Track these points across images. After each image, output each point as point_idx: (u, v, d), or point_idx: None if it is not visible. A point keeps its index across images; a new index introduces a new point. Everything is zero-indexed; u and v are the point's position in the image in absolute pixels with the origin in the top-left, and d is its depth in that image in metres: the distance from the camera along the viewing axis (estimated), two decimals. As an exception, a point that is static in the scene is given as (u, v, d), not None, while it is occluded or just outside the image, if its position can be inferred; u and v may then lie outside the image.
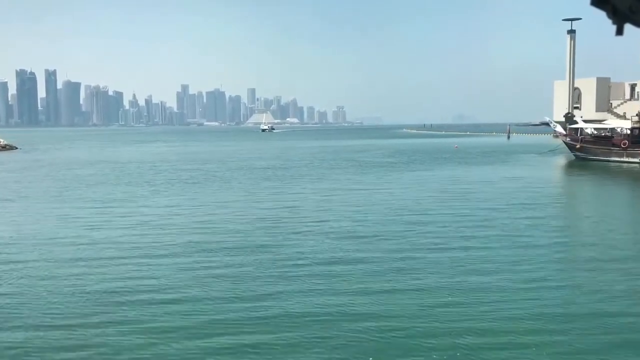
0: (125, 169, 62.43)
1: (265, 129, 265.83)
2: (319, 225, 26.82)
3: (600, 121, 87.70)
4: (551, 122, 74.19)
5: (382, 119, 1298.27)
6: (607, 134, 70.06)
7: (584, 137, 68.52)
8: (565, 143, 70.55)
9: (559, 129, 71.75)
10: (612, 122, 73.41)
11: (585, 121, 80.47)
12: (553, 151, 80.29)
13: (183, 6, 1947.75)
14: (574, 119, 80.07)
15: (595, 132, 72.16)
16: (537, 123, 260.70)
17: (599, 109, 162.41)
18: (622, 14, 1.78)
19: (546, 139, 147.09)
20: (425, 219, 28.36)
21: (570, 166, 62.77)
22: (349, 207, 32.88)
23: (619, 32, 1.84)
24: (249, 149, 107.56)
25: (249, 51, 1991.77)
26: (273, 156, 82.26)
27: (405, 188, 41.54)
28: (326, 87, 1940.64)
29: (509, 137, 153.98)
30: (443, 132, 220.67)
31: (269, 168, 60.59)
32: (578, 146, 66.45)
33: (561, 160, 68.74)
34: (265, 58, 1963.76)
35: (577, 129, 71.98)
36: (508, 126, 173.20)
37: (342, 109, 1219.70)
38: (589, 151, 65.43)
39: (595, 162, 63.24)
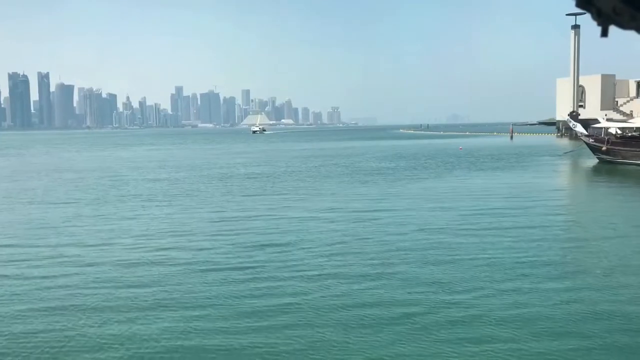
0: (73, 178, 53.82)
1: (256, 131, 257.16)
2: (305, 268, 18.58)
3: (624, 119, 79.24)
4: (570, 122, 65.74)
5: (377, 120, 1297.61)
6: (635, 133, 61.71)
7: (609, 138, 60.12)
8: (588, 145, 62.17)
9: (580, 128, 63.38)
10: (638, 121, 64.86)
11: (609, 120, 72.06)
12: (569, 153, 72.44)
13: (177, 8, 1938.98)
14: (597, 118, 71.75)
15: (620, 132, 63.80)
16: (534, 122, 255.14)
17: (604, 107, 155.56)
18: (607, 16, 1.79)
19: (549, 139, 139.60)
20: (453, 255, 20.18)
21: (598, 172, 54.41)
22: (349, 235, 24.50)
23: (604, 33, 1.85)
24: (235, 153, 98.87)
25: (243, 53, 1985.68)
26: (259, 162, 73.63)
27: (416, 206, 32.89)
28: (321, 88, 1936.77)
29: (511, 137, 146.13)
30: (441, 133, 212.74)
31: (250, 178, 51.84)
32: (604, 148, 58.06)
33: (584, 164, 60.56)
34: (259, 59, 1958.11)
35: (601, 128, 63.77)
36: (511, 126, 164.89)
37: (337, 109, 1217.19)
38: (617, 154, 57.10)
39: (625, 165, 55.09)
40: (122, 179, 52.77)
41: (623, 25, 1.78)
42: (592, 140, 60.74)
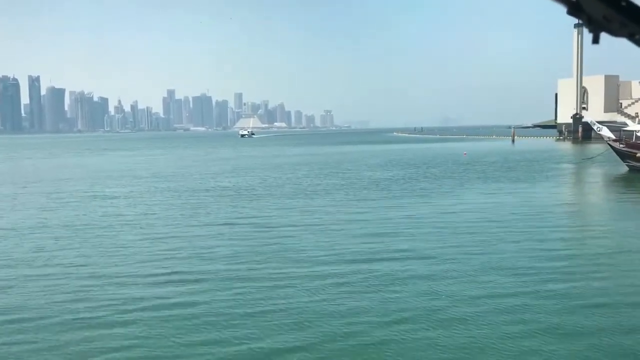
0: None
1: (245, 134, 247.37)
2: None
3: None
4: (593, 124, 57.23)
5: (369, 123, 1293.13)
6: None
7: (642, 143, 51.77)
8: (617, 150, 53.78)
9: (606, 132, 55.01)
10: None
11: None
12: (591, 160, 64.20)
13: (169, 11, 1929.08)
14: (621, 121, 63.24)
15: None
16: (530, 125, 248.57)
17: (607, 109, 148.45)
18: (597, 23, 1.79)
19: (549, 142, 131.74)
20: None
21: (632, 183, 45.95)
22: (339, 290, 15.87)
23: (595, 40, 1.85)
24: (215, 159, 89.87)
25: (235, 56, 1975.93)
26: (238, 170, 64.81)
27: (425, 236, 24.33)
28: (314, 92, 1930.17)
29: (513, 141, 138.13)
30: (437, 136, 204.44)
31: (223, 194, 43.07)
32: (639, 155, 49.58)
33: (613, 173, 52.20)
34: (252, 63, 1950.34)
35: (632, 132, 55.49)
36: (512, 129, 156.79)
37: (330, 112, 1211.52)
38: (655, 161, 48.74)
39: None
40: (60, 193, 43.80)
41: (614, 33, 1.78)
42: (623, 146, 52.33)
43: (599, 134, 55.94)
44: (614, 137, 54.47)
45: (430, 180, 48.09)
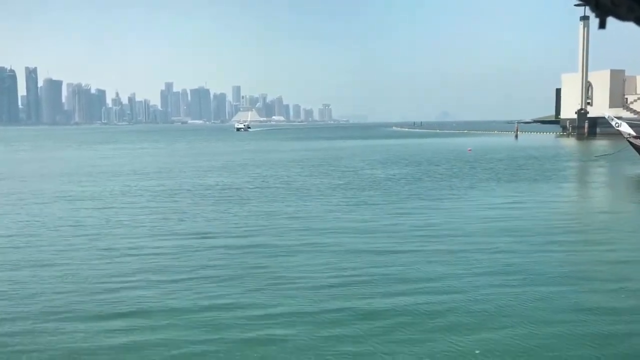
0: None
1: (241, 128, 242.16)
2: None
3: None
4: (611, 119, 52.80)
5: (368, 117, 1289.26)
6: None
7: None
8: (638, 147, 49.54)
9: (626, 128, 50.64)
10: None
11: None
12: (606, 156, 60.12)
13: (167, 3, 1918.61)
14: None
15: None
16: (530, 121, 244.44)
17: (612, 104, 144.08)
18: (605, 7, 1.77)
19: (553, 138, 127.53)
20: None
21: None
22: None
23: (602, 25, 1.83)
24: (205, 154, 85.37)
25: (234, 49, 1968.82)
26: (228, 167, 60.37)
27: (452, 255, 19.83)
28: (312, 85, 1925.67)
29: (516, 136, 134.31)
30: (437, 131, 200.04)
31: (205, 196, 38.63)
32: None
33: (633, 171, 47.94)
34: (250, 56, 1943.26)
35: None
36: (516, 124, 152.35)
37: (328, 106, 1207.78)
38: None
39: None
40: (20, 194, 39.26)
41: (621, 17, 1.76)
42: (647, 143, 48.02)
43: (617, 129, 51.54)
44: (634, 134, 50.11)
45: (436, 180, 43.48)
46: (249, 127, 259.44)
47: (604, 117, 57.87)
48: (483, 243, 21.40)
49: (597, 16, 1.76)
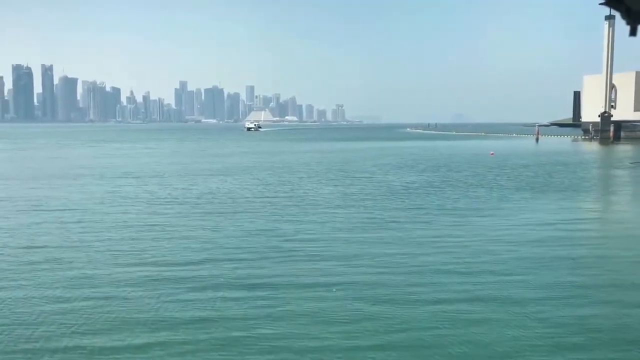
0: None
1: (251, 128, 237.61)
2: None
3: None
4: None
5: (381, 118, 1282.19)
6: None
7: None
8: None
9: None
10: None
11: None
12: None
13: (182, 2, 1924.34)
14: None
15: None
16: (547, 124, 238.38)
17: (637, 107, 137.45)
18: (636, 15, 1.74)
19: (575, 142, 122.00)
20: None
21: None
22: None
23: (633, 32, 1.80)
24: (210, 155, 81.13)
25: (248, 48, 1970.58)
26: (228, 171, 55.88)
27: (486, 289, 15.19)
28: (325, 86, 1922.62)
29: (537, 139, 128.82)
30: (454, 133, 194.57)
31: (196, 204, 34.23)
32: None
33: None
34: (264, 56, 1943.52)
35: None
36: (537, 127, 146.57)
37: (342, 107, 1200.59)
38: None
39: None
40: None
41: None
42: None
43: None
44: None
45: (459, 190, 38.53)
46: (260, 127, 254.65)
47: (628, 121, 53.03)
48: (555, 286, 16.59)
49: (627, 24, 1.76)
